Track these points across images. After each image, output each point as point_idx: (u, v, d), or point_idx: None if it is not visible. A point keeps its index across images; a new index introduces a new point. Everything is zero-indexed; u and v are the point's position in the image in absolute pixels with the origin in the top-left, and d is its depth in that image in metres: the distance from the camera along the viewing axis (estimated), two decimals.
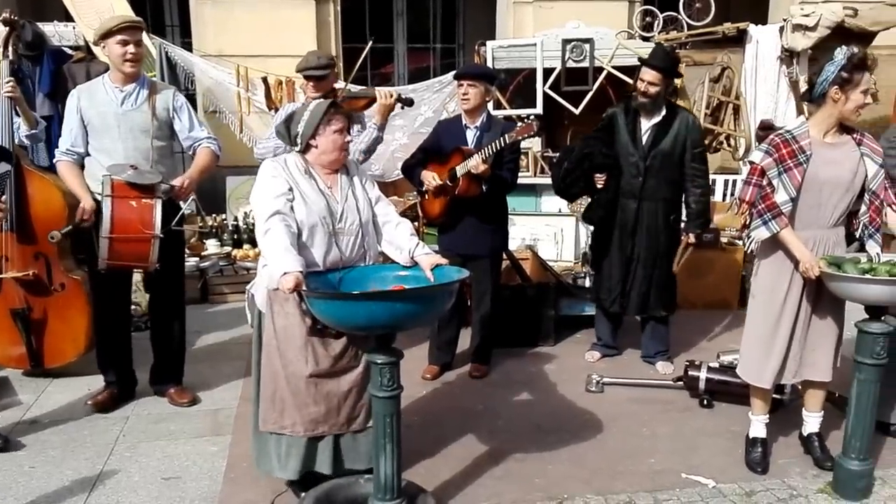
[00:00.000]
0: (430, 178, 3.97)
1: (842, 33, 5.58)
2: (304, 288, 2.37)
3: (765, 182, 2.97)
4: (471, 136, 4.03)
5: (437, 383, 4.15)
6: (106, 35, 3.47)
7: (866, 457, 2.95)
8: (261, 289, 2.73)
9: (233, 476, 3.12)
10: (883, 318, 2.83)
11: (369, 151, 3.95)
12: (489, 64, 5.78)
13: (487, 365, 4.31)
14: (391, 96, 3.88)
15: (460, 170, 3.86)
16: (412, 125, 6.35)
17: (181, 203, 3.54)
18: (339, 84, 4.20)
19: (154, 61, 6.33)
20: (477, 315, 4.26)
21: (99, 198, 3.44)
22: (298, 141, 2.73)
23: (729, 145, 6.14)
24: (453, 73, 4.61)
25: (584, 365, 4.38)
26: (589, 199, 4.35)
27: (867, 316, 2.86)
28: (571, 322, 4.97)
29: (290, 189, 2.65)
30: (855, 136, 2.98)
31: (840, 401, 3.40)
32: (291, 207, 2.62)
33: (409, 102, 4.02)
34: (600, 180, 4.13)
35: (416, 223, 5.49)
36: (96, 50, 4.74)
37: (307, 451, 2.72)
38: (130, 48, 3.47)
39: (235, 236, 6.31)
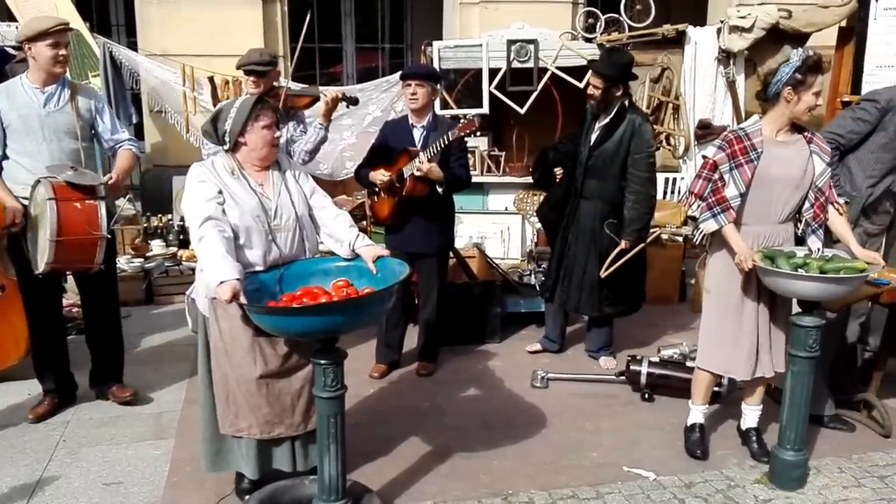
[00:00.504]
0: (380, 174, 3.98)
1: (777, 35, 5.77)
2: (241, 298, 2.34)
3: (716, 176, 3.04)
4: (418, 135, 4.06)
5: (384, 382, 4.17)
6: (37, 37, 3.38)
7: (801, 447, 3.04)
8: (201, 293, 2.69)
9: (175, 480, 3.08)
10: (815, 311, 2.92)
11: (314, 151, 3.95)
12: (436, 64, 5.81)
13: (434, 363, 4.34)
14: (335, 95, 3.88)
15: (407, 170, 3.88)
16: (360, 124, 6.33)
17: (116, 202, 3.50)
18: (283, 83, 4.16)
19: (98, 61, 6.24)
20: (424, 313, 4.29)
21: (25, 202, 3.37)
22: (226, 139, 2.68)
23: (669, 144, 6.29)
24: (400, 73, 4.61)
25: (530, 361, 4.44)
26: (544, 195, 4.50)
27: (801, 310, 2.95)
28: (518, 319, 5.04)
29: (220, 192, 2.61)
30: (806, 134, 3.08)
31: (776, 392, 3.50)
32: (223, 211, 2.58)
33: (353, 101, 4.04)
34: (558, 175, 4.27)
35: (363, 222, 5.50)
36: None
37: (266, 452, 2.72)
38: (62, 50, 3.42)
39: (182, 236, 6.21)
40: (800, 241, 3.15)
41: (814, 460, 3.24)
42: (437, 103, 5.87)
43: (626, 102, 4.11)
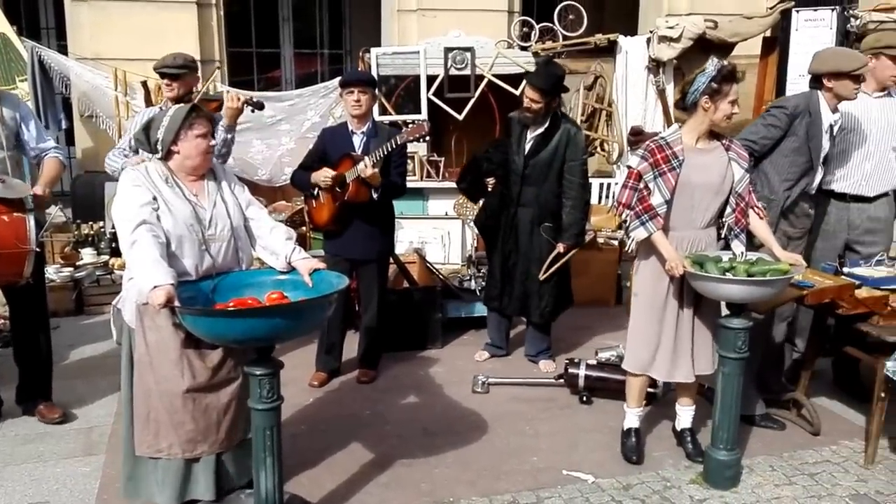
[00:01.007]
0: (323, 174, 3.93)
1: (704, 45, 5.95)
2: (176, 302, 2.30)
3: (641, 185, 3.12)
4: (358, 141, 4.04)
5: (323, 390, 4.12)
6: None
7: (733, 447, 3.12)
8: (128, 303, 2.61)
9: (105, 498, 2.99)
10: (742, 313, 3.02)
11: (224, 155, 3.89)
12: (374, 70, 5.81)
13: (375, 370, 4.32)
14: (239, 99, 3.84)
15: (350, 175, 3.86)
16: (299, 130, 6.28)
17: (46, 212, 3.38)
18: (222, 88, 4.09)
19: (26, 65, 6.05)
20: (365, 320, 4.26)
21: None
22: (159, 147, 2.63)
23: (603, 150, 6.43)
24: (339, 78, 4.57)
25: (471, 366, 4.46)
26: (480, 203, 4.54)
27: (729, 312, 3.05)
28: (458, 324, 5.06)
29: (154, 198, 2.55)
30: (724, 142, 3.18)
31: (710, 393, 3.57)
32: (157, 217, 2.53)
33: (258, 106, 4.01)
34: (490, 184, 4.29)
35: (303, 228, 5.44)
36: None
37: (185, 475, 2.63)
38: None
39: (113, 244, 6.01)
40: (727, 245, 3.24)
41: (746, 459, 3.33)
42: (375, 109, 5.89)
43: (559, 112, 4.21)
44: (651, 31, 6.12)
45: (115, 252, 5.95)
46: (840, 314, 3.34)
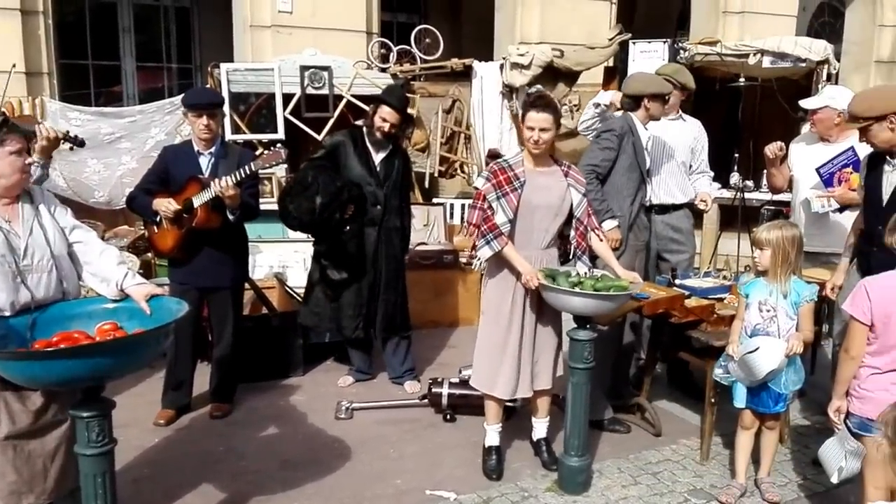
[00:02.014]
0: (166, 204, 3.67)
1: (553, 72, 6.23)
2: None
3: (486, 206, 3.20)
4: (205, 162, 3.84)
5: (171, 428, 3.86)
6: None
7: (584, 453, 3.26)
8: None
9: None
10: (588, 325, 3.17)
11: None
12: (224, 87, 5.60)
13: (230, 403, 4.10)
14: (54, 134, 3.32)
15: (198, 200, 3.64)
16: (142, 148, 5.89)
17: None
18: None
19: None
20: (217, 350, 4.04)
21: None
22: None
23: (463, 172, 6.55)
24: (182, 98, 4.26)
25: (335, 392, 4.36)
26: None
27: (576, 325, 3.17)
28: (321, 350, 4.91)
29: None
30: (563, 167, 3.34)
31: (564, 402, 3.71)
32: None
33: (79, 143, 3.64)
34: (349, 210, 4.19)
35: (148, 254, 5.11)
36: None
37: None
38: None
39: None
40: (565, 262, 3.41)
41: (597, 463, 3.48)
42: (227, 128, 5.68)
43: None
44: (504, 58, 6.33)
45: None
46: (673, 322, 3.58)
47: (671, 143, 4.25)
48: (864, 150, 3.55)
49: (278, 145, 3.83)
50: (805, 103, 4.13)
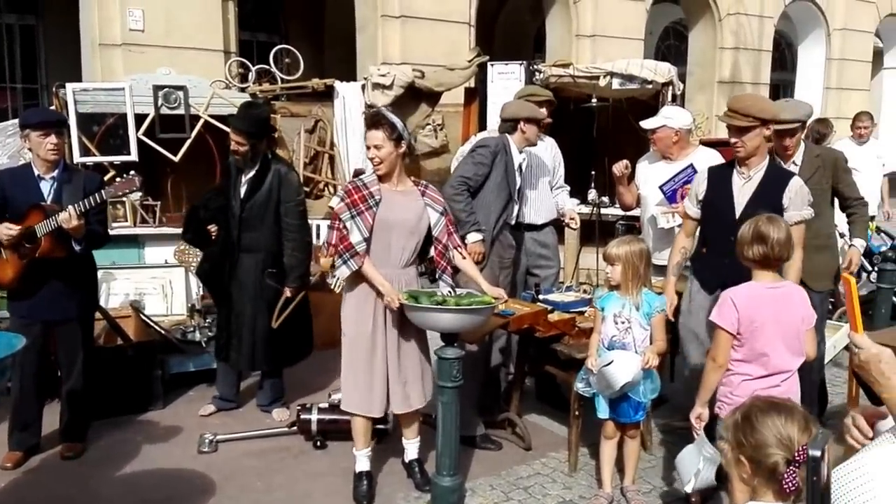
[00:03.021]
0: (5, 230, 3.43)
1: (414, 93, 6.32)
2: None
3: (341, 225, 3.21)
4: (47, 188, 3.61)
5: (19, 471, 3.60)
6: None
7: (456, 472, 3.25)
8: None
9: None
10: (455, 343, 3.19)
11: None
12: (71, 107, 5.27)
13: (83, 442, 3.85)
14: None
15: (41, 229, 3.41)
16: None
17: None
18: None
19: None
20: (67, 386, 3.78)
21: None
22: None
23: (330, 192, 6.50)
24: (21, 119, 3.98)
25: (198, 424, 4.17)
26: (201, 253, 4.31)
27: (443, 343, 3.19)
28: (183, 380, 4.71)
29: None
30: (420, 187, 3.38)
31: (435, 421, 3.73)
32: None
33: None
34: (213, 232, 4.10)
35: None
36: None
37: None
38: None
39: None
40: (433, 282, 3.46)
41: (469, 482, 3.50)
42: (76, 150, 5.35)
43: (269, 154, 4.18)
44: (365, 78, 6.36)
45: None
46: (537, 337, 3.70)
47: (538, 165, 4.43)
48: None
49: (132, 172, 3.64)
50: (644, 124, 4.38)
